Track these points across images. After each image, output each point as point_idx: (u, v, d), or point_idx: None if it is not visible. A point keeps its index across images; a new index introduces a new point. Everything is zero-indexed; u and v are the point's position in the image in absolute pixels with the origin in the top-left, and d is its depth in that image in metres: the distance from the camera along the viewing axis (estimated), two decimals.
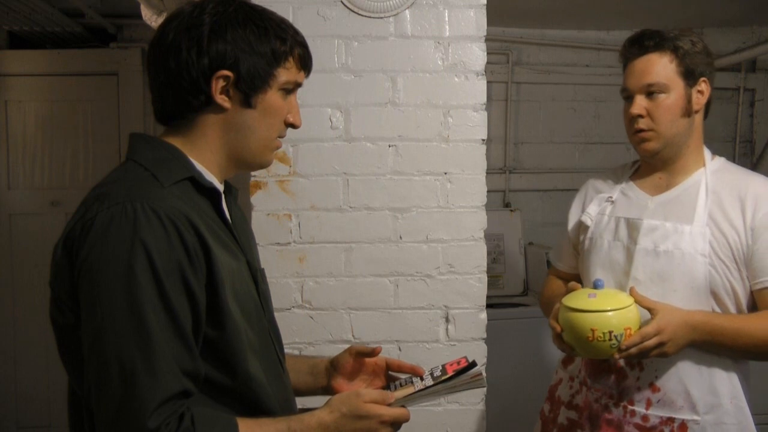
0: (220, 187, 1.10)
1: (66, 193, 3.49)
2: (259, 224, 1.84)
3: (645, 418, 1.50)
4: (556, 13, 3.16)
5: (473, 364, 1.16)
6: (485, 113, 1.88)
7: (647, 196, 1.61)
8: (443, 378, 1.15)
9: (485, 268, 1.88)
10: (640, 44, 1.55)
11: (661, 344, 1.38)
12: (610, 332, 1.37)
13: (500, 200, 3.45)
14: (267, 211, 1.85)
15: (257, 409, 1.05)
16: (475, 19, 1.86)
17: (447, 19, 1.86)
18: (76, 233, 0.96)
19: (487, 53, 1.88)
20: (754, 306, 1.51)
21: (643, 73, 1.53)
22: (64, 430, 1.09)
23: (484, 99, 1.88)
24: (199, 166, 1.07)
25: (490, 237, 1.90)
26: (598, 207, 1.67)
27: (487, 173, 1.89)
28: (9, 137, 3.49)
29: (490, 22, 1.88)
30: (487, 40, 1.88)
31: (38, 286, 3.46)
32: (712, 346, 1.46)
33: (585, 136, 3.52)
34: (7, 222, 3.51)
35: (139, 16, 2.72)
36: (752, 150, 3.59)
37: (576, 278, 1.67)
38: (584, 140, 3.52)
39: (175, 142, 1.07)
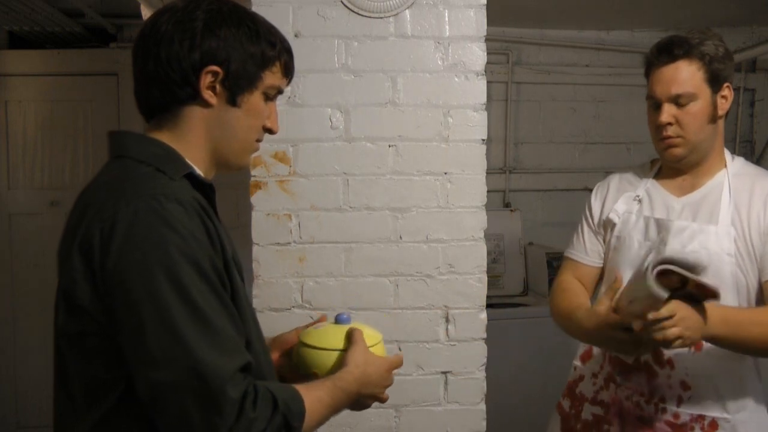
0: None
1: (66, 193, 3.48)
2: (259, 224, 1.84)
3: (676, 415, 1.52)
4: (555, 13, 3.16)
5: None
6: (485, 113, 1.88)
7: (673, 197, 1.62)
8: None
9: (485, 268, 1.88)
10: (669, 52, 1.54)
11: (676, 322, 1.31)
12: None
13: (500, 200, 3.45)
14: (267, 211, 1.85)
15: None
16: (475, 19, 1.86)
17: (447, 19, 1.86)
18: (94, 236, 0.94)
19: (487, 53, 1.88)
20: (761, 300, 1.52)
21: (671, 82, 1.53)
22: None
23: (484, 99, 1.88)
24: (189, 162, 1.08)
25: (490, 237, 1.90)
26: (626, 205, 1.66)
27: (487, 173, 1.89)
28: (9, 137, 3.48)
29: (490, 22, 1.87)
30: (487, 40, 1.88)
31: (38, 286, 3.45)
32: (729, 341, 1.44)
33: (585, 136, 3.52)
34: (7, 222, 3.50)
35: (139, 16, 2.72)
36: (752, 150, 3.59)
37: (598, 273, 1.69)
38: (584, 140, 3.52)
39: (163, 138, 1.07)
